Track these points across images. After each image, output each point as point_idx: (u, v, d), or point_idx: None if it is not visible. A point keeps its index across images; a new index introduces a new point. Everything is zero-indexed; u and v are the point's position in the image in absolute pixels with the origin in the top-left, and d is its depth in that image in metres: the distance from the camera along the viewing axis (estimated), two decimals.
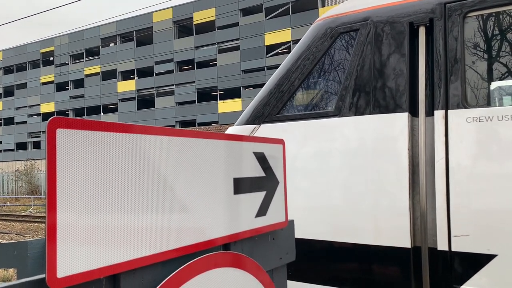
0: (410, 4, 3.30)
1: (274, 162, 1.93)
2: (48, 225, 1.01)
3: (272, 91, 3.75)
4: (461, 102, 2.96)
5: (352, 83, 3.37)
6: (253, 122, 3.77)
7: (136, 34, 52.58)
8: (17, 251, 2.67)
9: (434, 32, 3.15)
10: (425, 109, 3.08)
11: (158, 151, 1.34)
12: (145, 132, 1.29)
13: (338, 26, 3.56)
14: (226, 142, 1.65)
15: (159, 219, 1.32)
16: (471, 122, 2.89)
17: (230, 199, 1.65)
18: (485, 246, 2.77)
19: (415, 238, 3.04)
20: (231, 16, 45.84)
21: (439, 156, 2.95)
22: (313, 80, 3.67)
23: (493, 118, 2.83)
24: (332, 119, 3.38)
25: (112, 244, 1.16)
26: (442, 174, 2.92)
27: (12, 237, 16.85)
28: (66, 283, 1.04)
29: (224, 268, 1.52)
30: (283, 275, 2.04)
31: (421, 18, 3.21)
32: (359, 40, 3.41)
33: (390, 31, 3.32)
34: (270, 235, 1.93)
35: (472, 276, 2.82)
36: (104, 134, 1.16)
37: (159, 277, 1.32)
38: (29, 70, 61.70)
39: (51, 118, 1.04)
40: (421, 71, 3.14)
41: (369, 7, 3.49)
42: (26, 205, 30.58)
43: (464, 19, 3.08)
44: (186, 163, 1.44)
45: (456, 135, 2.92)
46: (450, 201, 2.87)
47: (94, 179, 1.12)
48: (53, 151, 1.03)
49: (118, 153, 1.20)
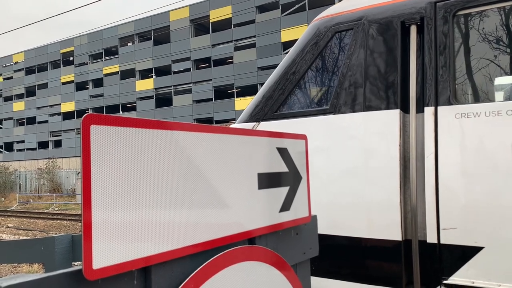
0: (402, 4, 3.37)
1: (297, 157, 1.95)
2: (84, 220, 1.04)
3: (271, 89, 3.87)
4: (450, 99, 3.03)
5: (346, 81, 3.46)
6: (253, 119, 3.89)
7: (154, 33, 53.04)
8: (44, 246, 2.75)
9: (424, 30, 3.23)
10: (416, 106, 3.16)
11: (187, 146, 1.36)
12: (174, 128, 1.32)
13: (333, 26, 3.65)
14: (250, 137, 1.67)
15: (188, 214, 1.35)
16: (459, 118, 2.96)
17: (255, 194, 1.67)
18: (473, 238, 2.85)
19: (406, 231, 3.13)
20: (248, 14, 45.83)
21: (429, 152, 3.03)
22: (309, 78, 3.76)
23: (481, 114, 2.90)
24: (328, 116, 3.47)
25: (143, 237, 1.19)
26: (431, 169, 3.00)
27: (36, 234, 17.24)
28: (101, 274, 1.07)
29: (251, 262, 1.54)
30: (306, 270, 2.05)
31: (412, 17, 3.28)
32: (353, 39, 3.50)
33: (382, 30, 3.40)
34: (294, 230, 1.95)
35: (460, 268, 2.91)
36: (135, 130, 1.19)
37: (188, 269, 1.35)
38: (49, 70, 62.87)
39: (85, 115, 1.07)
40: (412, 69, 3.21)
41: (363, 6, 3.58)
42: (49, 203, 31.25)
43: (453, 17, 3.14)
44: (213, 159, 1.46)
45: (445, 131, 3.00)
46: (439, 195, 2.96)
47: (126, 175, 1.15)
48: (87, 148, 1.07)
49: (149, 148, 1.23)
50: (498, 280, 2.79)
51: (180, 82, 51.08)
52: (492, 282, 2.81)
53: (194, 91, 49.71)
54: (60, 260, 2.71)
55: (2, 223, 21.23)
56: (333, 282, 3.34)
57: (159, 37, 52.76)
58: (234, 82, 46.50)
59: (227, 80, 47.00)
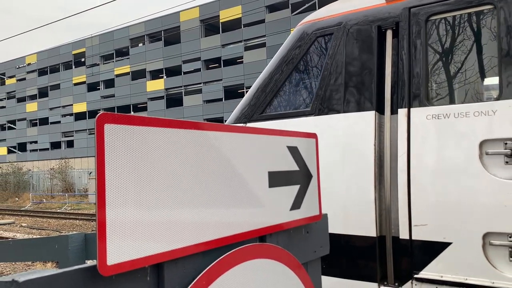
0: (379, 9, 3.53)
1: (307, 155, 1.95)
2: (98, 217, 1.06)
3: (258, 92, 4.05)
4: (422, 101, 3.18)
5: (326, 83, 3.63)
6: (240, 121, 4.05)
7: (164, 33, 53.31)
8: (58, 244, 2.79)
9: (399, 35, 3.38)
10: (391, 108, 3.32)
11: (198, 145, 1.38)
12: (186, 127, 1.34)
13: (315, 31, 3.82)
14: (261, 136, 1.69)
15: (200, 212, 1.36)
16: (430, 119, 3.10)
17: (266, 192, 1.68)
18: (442, 234, 3.00)
19: (381, 228, 3.27)
20: (257, 13, 45.84)
21: (402, 151, 3.17)
22: (293, 81, 3.94)
23: (450, 115, 3.04)
24: (309, 118, 3.67)
25: (156, 235, 1.21)
26: (404, 168, 3.15)
27: (49, 233, 17.46)
28: (115, 270, 1.09)
29: (262, 260, 1.56)
30: (317, 268, 2.06)
31: (388, 22, 3.44)
32: (333, 44, 3.67)
33: (360, 35, 3.56)
34: (305, 228, 1.96)
35: (430, 262, 3.05)
36: (148, 129, 1.21)
37: (199, 266, 1.37)
38: (62, 71, 63.57)
39: (99, 113, 1.09)
40: (388, 72, 3.37)
41: (343, 12, 3.74)
42: (61, 202, 31.61)
43: (426, 22, 3.29)
44: (224, 157, 1.48)
45: (417, 131, 3.14)
46: (411, 193, 3.10)
47: (139, 173, 1.17)
48: (101, 147, 1.08)
49: (161, 147, 1.25)
50: (464, 274, 2.92)
51: (190, 82, 51.28)
52: (459, 276, 2.94)
53: (204, 91, 49.86)
54: (74, 258, 2.75)
55: (16, 222, 21.53)
56: None
57: (169, 37, 53.02)
58: (244, 82, 46.54)
59: (237, 80, 47.06)
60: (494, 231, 2.85)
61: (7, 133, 70.22)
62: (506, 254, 2.84)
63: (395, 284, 3.20)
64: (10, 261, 3.56)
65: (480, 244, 2.88)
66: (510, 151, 2.84)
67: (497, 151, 2.88)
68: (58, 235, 2.89)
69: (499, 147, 2.88)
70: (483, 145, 2.93)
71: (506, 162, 2.86)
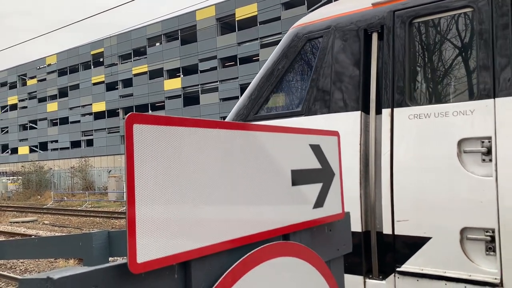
0: (365, 12, 3.65)
1: (329, 154, 1.95)
2: (128, 216, 1.08)
3: (253, 92, 4.22)
4: (404, 101, 3.30)
5: (316, 85, 3.78)
6: (236, 121, 4.19)
7: (181, 33, 53.68)
8: (82, 242, 2.84)
9: (384, 37, 3.50)
10: (376, 108, 3.45)
11: (223, 144, 1.39)
12: (210, 126, 1.35)
13: (306, 34, 3.96)
14: (284, 134, 1.69)
15: (225, 210, 1.38)
16: (412, 119, 3.22)
17: (289, 190, 1.68)
18: (422, 229, 3.12)
19: (366, 223, 3.39)
20: (273, 11, 45.76)
21: (385, 150, 3.30)
22: (285, 82, 4.11)
23: (431, 115, 3.16)
24: (300, 118, 3.81)
25: (183, 233, 1.23)
26: (387, 166, 3.27)
27: (70, 230, 17.80)
28: (144, 268, 1.11)
29: (286, 258, 1.56)
30: (340, 266, 2.06)
31: (373, 25, 3.56)
32: (322, 46, 3.81)
33: (347, 38, 3.69)
34: (327, 227, 1.96)
35: (411, 256, 3.18)
36: (174, 129, 1.22)
37: (225, 264, 1.38)
38: (81, 72, 64.62)
39: (128, 114, 1.11)
40: (373, 73, 3.51)
41: (331, 16, 3.87)
42: (82, 200, 32.16)
43: (409, 25, 3.40)
44: (248, 156, 1.49)
45: (399, 130, 3.27)
46: (393, 190, 3.23)
47: (167, 172, 1.19)
48: (130, 147, 1.10)
49: (188, 146, 1.26)
50: (443, 267, 3.05)
51: (207, 80, 51.56)
52: (438, 269, 3.07)
53: (221, 89, 50.07)
54: (98, 255, 2.79)
55: (39, 220, 22.01)
56: None
57: (186, 36, 53.35)
58: None
59: (253, 77, 46.94)
60: (471, 226, 2.96)
61: (29, 133, 71.79)
62: (482, 248, 2.95)
63: (380, 277, 3.33)
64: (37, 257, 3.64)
65: (458, 239, 2.99)
66: (486, 149, 2.94)
67: (474, 149, 2.99)
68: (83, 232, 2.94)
69: (476, 146, 2.99)
70: (461, 143, 3.04)
71: (483, 160, 2.97)
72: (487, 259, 2.94)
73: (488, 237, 2.92)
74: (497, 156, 2.88)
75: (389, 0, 3.52)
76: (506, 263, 2.85)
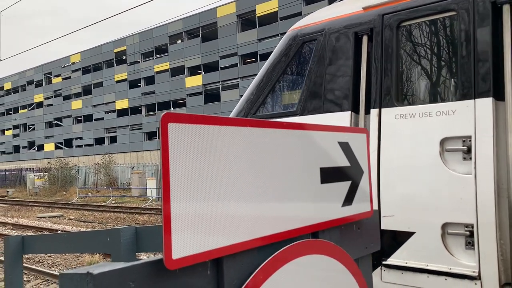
0: (356, 16, 3.78)
1: (358, 151, 1.94)
2: (164, 214, 1.10)
3: (252, 92, 4.40)
4: (391, 101, 3.44)
5: (310, 86, 3.94)
6: None
7: (202, 30, 53.94)
8: (110, 237, 2.90)
9: (373, 40, 3.62)
10: (365, 108, 3.60)
11: (253, 142, 1.40)
12: (240, 124, 1.36)
13: (301, 37, 4.13)
14: (313, 132, 1.69)
15: (256, 207, 1.39)
16: (398, 119, 3.36)
17: (318, 188, 1.68)
18: (407, 224, 3.25)
19: None
20: (294, 6, 45.50)
21: (373, 148, 3.41)
22: (282, 83, 4.31)
23: (415, 115, 3.29)
24: (294, 118, 3.98)
25: (216, 230, 1.24)
26: (374, 164, 3.39)
27: (95, 225, 18.16)
28: (179, 264, 1.13)
29: (316, 255, 1.56)
30: (368, 265, 2.04)
31: (363, 28, 3.69)
32: (316, 49, 3.97)
33: (339, 41, 3.83)
34: (356, 225, 1.94)
35: (396, 250, 3.32)
36: (206, 127, 1.24)
37: (255, 261, 1.39)
38: (104, 70, 65.70)
39: (163, 113, 1.13)
40: (363, 75, 3.65)
41: (325, 19, 4.03)
42: (106, 196, 32.76)
43: (397, 28, 3.52)
44: (278, 154, 1.49)
45: (386, 130, 3.41)
46: (380, 186, 3.36)
47: (201, 169, 1.20)
48: (165, 144, 1.12)
49: (220, 144, 1.28)
50: (426, 261, 3.19)
51: (227, 77, 51.71)
52: (421, 262, 3.21)
53: (241, 86, 50.09)
54: (125, 250, 2.84)
55: (65, 215, 22.54)
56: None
57: (207, 33, 53.58)
58: None
59: None
60: (452, 221, 3.10)
61: (54, 130, 73.50)
62: (462, 242, 3.10)
63: None
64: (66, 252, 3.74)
65: (439, 234, 3.13)
66: (467, 148, 3.06)
67: (456, 148, 3.12)
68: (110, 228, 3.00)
69: (457, 144, 3.12)
70: (444, 142, 3.16)
71: (464, 158, 3.09)
72: (466, 253, 3.08)
73: (468, 232, 3.04)
74: (476, 154, 3.00)
75: (378, 4, 3.63)
76: (483, 257, 2.97)
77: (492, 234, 2.94)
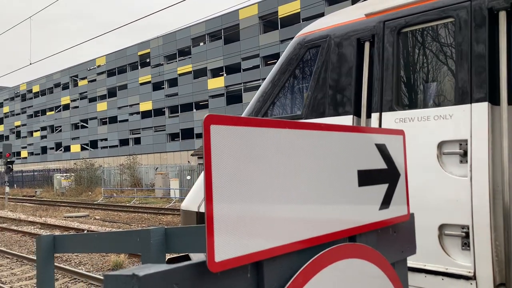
0: (359, 23, 3.87)
1: (395, 153, 1.90)
2: (207, 214, 1.10)
3: (260, 96, 4.55)
4: (391, 106, 3.54)
5: (314, 90, 4.07)
6: None
7: (224, 32, 54.25)
8: (140, 238, 2.92)
9: (375, 46, 3.72)
10: (366, 112, 3.69)
11: (291, 144, 1.38)
12: (280, 126, 1.35)
13: (306, 43, 4.27)
14: (350, 134, 1.66)
15: (295, 210, 1.37)
16: (398, 123, 3.43)
17: (355, 191, 1.65)
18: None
19: None
20: (317, 7, 45.28)
21: None
22: (288, 87, 4.44)
23: (414, 119, 3.39)
24: (299, 121, 4.07)
25: (257, 233, 1.23)
26: None
27: (120, 225, 18.45)
28: (222, 267, 1.12)
29: (354, 259, 1.53)
30: (404, 269, 2.00)
31: (366, 35, 3.79)
32: (320, 55, 4.09)
33: (342, 47, 3.94)
34: (392, 228, 1.90)
35: None
36: (249, 129, 1.23)
37: (294, 265, 1.37)
38: (128, 72, 66.81)
39: (206, 115, 1.13)
40: (365, 80, 3.75)
41: (329, 26, 4.14)
42: (130, 197, 33.25)
43: (398, 35, 3.61)
44: (316, 156, 1.47)
45: None
46: None
47: (242, 171, 1.20)
48: (208, 146, 1.12)
49: (261, 146, 1.26)
50: (423, 261, 3.26)
51: (249, 79, 51.83)
52: (419, 262, 3.26)
53: None
54: (155, 251, 2.86)
55: (90, 215, 22.98)
56: None
57: (229, 35, 53.86)
58: None
59: None
60: (449, 222, 3.18)
61: (80, 132, 75.16)
62: (458, 243, 3.18)
63: None
64: (96, 251, 3.80)
65: (436, 234, 3.22)
66: (463, 151, 3.13)
67: (452, 151, 3.19)
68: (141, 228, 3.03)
69: (454, 148, 3.19)
70: (441, 145, 3.24)
71: (460, 161, 3.16)
72: (462, 253, 3.16)
73: (464, 233, 3.12)
74: (471, 157, 3.06)
75: (380, 11, 3.73)
76: (479, 258, 3.05)
77: (487, 236, 3.01)
